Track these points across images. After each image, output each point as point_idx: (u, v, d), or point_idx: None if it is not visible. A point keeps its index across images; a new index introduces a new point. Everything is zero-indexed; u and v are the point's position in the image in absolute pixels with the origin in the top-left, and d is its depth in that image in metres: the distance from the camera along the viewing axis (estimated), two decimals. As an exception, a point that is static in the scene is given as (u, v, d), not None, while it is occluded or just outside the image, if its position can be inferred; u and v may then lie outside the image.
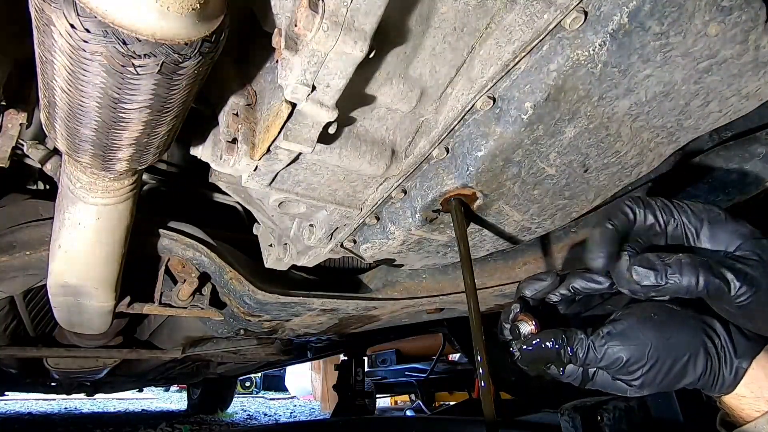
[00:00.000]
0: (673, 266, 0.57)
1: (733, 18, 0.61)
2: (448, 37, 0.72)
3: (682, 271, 0.56)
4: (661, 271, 0.57)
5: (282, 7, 0.63)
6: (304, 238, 1.11)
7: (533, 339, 0.65)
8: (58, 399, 6.39)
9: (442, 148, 0.85)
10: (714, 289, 0.56)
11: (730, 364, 0.61)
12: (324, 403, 6.58)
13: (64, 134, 0.71)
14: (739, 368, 0.61)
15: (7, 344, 1.78)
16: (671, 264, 0.57)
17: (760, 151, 0.96)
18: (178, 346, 2.04)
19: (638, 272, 0.58)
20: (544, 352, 0.64)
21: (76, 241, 1.00)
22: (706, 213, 0.62)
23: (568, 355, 0.62)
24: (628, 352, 0.60)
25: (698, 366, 0.60)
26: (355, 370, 3.49)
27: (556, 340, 0.63)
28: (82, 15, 0.48)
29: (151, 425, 3.71)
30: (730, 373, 0.61)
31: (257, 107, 0.84)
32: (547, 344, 0.64)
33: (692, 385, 0.62)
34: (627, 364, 0.60)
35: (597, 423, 1.24)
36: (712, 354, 0.61)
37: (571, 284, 0.70)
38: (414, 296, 1.47)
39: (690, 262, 0.57)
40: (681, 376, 0.61)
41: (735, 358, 0.61)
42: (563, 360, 0.63)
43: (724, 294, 0.56)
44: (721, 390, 0.62)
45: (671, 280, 0.57)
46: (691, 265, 0.57)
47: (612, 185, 0.91)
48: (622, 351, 0.60)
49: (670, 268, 0.57)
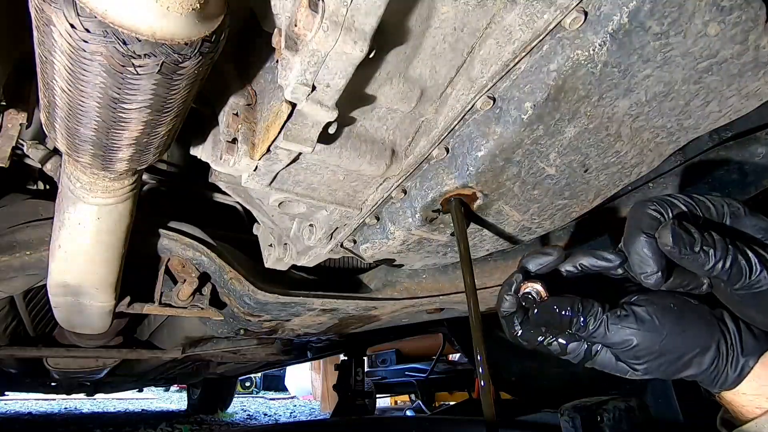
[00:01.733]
0: (708, 238, 0.56)
1: (733, 18, 0.61)
2: (448, 37, 0.72)
3: (715, 246, 0.55)
4: (697, 239, 0.55)
5: (282, 7, 0.63)
6: (304, 238, 1.11)
7: (546, 303, 0.63)
8: (58, 399, 6.39)
9: (442, 148, 0.85)
10: (737, 270, 0.55)
11: (735, 361, 0.60)
12: (324, 403, 6.58)
13: (64, 134, 0.71)
14: (744, 366, 0.60)
15: (7, 344, 1.78)
16: (706, 237, 0.56)
17: (760, 151, 0.96)
18: (178, 346, 2.04)
19: (675, 233, 0.55)
20: (555, 317, 0.62)
21: (76, 241, 1.00)
22: (727, 207, 0.61)
23: (579, 324, 0.60)
24: (641, 337, 0.59)
25: (705, 361, 0.60)
26: (355, 370, 3.49)
27: (573, 306, 0.61)
28: (82, 15, 0.48)
29: (151, 425, 3.71)
30: (735, 371, 0.60)
31: (257, 107, 0.84)
32: (562, 310, 0.61)
33: (693, 377, 0.62)
34: (636, 348, 0.60)
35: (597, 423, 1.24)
36: (722, 351, 0.60)
37: (579, 261, 0.67)
38: (414, 296, 1.47)
39: (722, 239, 0.56)
40: (685, 367, 0.61)
41: (742, 356, 0.60)
42: (573, 329, 0.61)
43: (744, 277, 0.55)
44: (723, 386, 0.62)
45: (704, 251, 0.55)
46: (723, 242, 0.56)
47: (612, 185, 0.91)
48: (635, 335, 0.59)
49: (705, 240, 0.55)
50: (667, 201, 0.61)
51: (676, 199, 0.61)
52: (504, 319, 0.70)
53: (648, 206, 0.60)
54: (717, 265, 0.55)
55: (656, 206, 0.60)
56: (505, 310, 0.69)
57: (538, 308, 0.63)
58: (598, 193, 0.93)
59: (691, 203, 0.61)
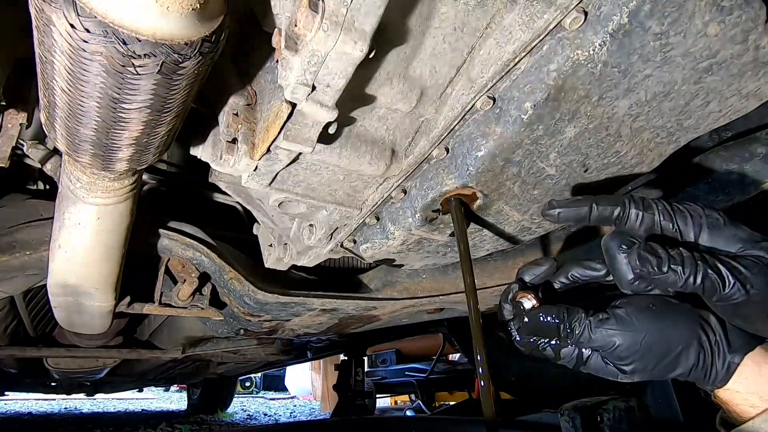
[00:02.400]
0: (676, 257, 0.58)
1: (733, 18, 0.61)
2: (448, 37, 0.72)
3: (683, 263, 0.57)
4: (664, 259, 0.58)
5: (282, 7, 0.63)
6: (304, 238, 1.11)
7: (535, 312, 0.67)
8: (58, 399, 6.39)
9: (442, 148, 0.85)
10: (710, 284, 0.57)
11: (723, 358, 0.62)
12: (324, 403, 6.58)
13: (64, 134, 0.71)
14: (731, 363, 0.62)
15: (7, 344, 1.78)
16: (674, 255, 0.58)
17: (760, 151, 0.96)
18: (178, 346, 2.04)
19: (641, 257, 0.58)
20: (543, 325, 0.66)
21: (76, 241, 1.00)
22: (705, 218, 0.62)
23: (566, 330, 0.64)
24: (622, 338, 0.62)
25: (690, 358, 0.62)
26: (355, 370, 3.49)
27: (558, 314, 0.65)
28: (82, 15, 0.48)
29: (151, 425, 3.71)
30: (723, 367, 0.62)
31: (257, 107, 0.84)
32: (548, 318, 0.65)
33: (684, 376, 0.64)
34: (619, 349, 0.62)
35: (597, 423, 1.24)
36: (706, 347, 0.62)
37: (570, 272, 0.72)
38: (414, 296, 1.47)
39: (690, 256, 0.58)
40: (672, 366, 0.62)
41: (728, 353, 0.62)
42: (561, 335, 0.64)
43: (718, 290, 0.57)
44: (714, 384, 0.63)
45: (672, 270, 0.57)
46: (692, 258, 0.58)
47: (612, 185, 0.91)
48: (617, 336, 0.62)
49: (672, 259, 0.58)
50: (645, 203, 0.63)
51: (654, 203, 0.63)
52: (503, 326, 0.74)
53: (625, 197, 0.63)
54: (688, 281, 0.57)
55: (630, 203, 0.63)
56: (504, 318, 0.73)
57: (528, 317, 0.68)
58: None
59: (668, 212, 0.63)
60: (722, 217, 0.62)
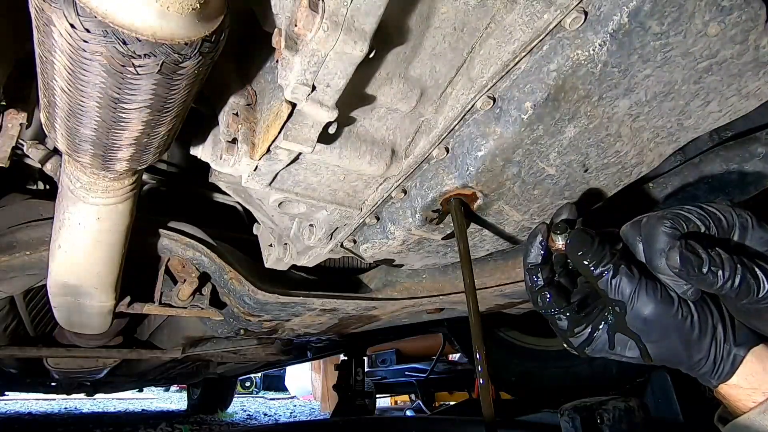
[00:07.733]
0: (716, 258, 0.57)
1: (733, 18, 0.61)
2: (448, 37, 0.72)
3: (723, 266, 0.56)
4: (705, 260, 0.57)
5: (282, 7, 0.63)
6: (304, 238, 1.11)
7: (583, 228, 0.66)
8: (58, 399, 6.39)
9: (442, 148, 0.85)
10: (745, 287, 0.56)
11: (728, 351, 0.62)
12: (324, 403, 6.58)
13: (64, 134, 0.71)
14: (736, 356, 0.62)
15: (7, 344, 1.78)
16: (714, 256, 0.57)
17: (760, 151, 0.96)
18: (178, 346, 2.04)
19: (683, 257, 0.57)
20: (588, 241, 0.64)
21: (76, 241, 1.00)
22: (737, 218, 0.62)
23: (605, 253, 0.63)
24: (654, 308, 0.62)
25: (703, 348, 0.62)
26: (355, 370, 3.49)
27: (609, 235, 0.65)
28: (82, 15, 0.48)
29: (151, 425, 3.71)
30: (729, 360, 0.62)
31: (257, 107, 0.84)
32: (597, 237, 0.64)
33: (690, 369, 0.64)
34: (648, 312, 0.61)
35: (597, 423, 1.25)
36: (719, 338, 0.62)
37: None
38: (414, 296, 1.47)
39: (730, 258, 0.57)
40: (684, 353, 0.62)
41: (734, 345, 0.62)
42: (610, 255, 0.63)
43: (752, 294, 0.56)
44: (719, 378, 0.63)
45: (712, 272, 0.57)
46: (731, 261, 0.57)
47: (612, 185, 0.91)
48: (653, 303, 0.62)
49: (712, 260, 0.57)
50: (682, 216, 0.61)
51: (690, 213, 0.62)
52: (528, 271, 0.71)
53: (663, 224, 0.61)
54: (726, 285, 0.57)
55: (671, 223, 0.61)
56: (531, 262, 0.70)
57: (576, 232, 0.65)
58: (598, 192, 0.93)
59: (704, 216, 0.61)
60: (751, 218, 0.62)
